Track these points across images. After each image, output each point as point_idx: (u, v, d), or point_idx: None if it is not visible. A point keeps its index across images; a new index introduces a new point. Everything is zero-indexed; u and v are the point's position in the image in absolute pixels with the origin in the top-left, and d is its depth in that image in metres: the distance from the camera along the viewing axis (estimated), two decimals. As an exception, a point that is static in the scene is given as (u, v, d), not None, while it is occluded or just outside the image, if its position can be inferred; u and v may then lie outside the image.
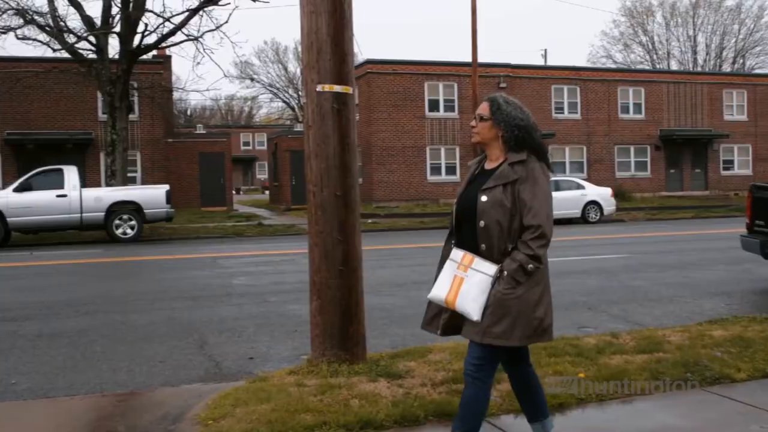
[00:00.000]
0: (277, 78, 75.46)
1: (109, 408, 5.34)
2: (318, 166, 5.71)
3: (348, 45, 5.83)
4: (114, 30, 25.24)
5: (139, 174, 33.05)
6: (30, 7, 24.85)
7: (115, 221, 20.62)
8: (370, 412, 4.68)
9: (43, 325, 8.46)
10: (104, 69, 24.75)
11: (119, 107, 24.73)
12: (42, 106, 32.27)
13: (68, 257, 16.74)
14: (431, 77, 36.03)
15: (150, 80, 31.61)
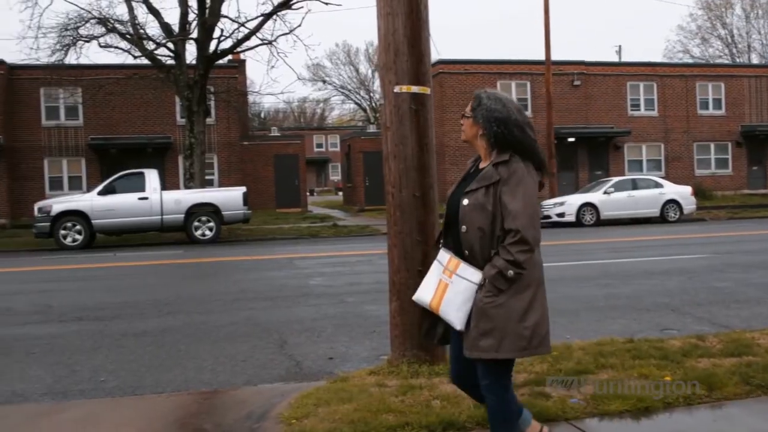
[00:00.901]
0: (348, 80, 75.99)
1: (195, 406, 5.45)
2: (396, 167, 5.72)
3: (425, 45, 5.83)
4: (191, 36, 25.80)
5: (216, 176, 33.71)
6: (111, 15, 25.61)
7: (194, 223, 21.09)
8: (452, 414, 4.66)
9: (129, 325, 8.70)
10: (182, 74, 25.32)
11: (197, 111, 25.27)
12: (123, 111, 33.24)
13: (150, 258, 17.20)
14: (503, 76, 35.74)
15: (226, 84, 32.22)
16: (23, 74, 32.05)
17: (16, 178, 32.26)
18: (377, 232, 23.57)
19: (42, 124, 32.94)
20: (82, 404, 5.69)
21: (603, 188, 26.32)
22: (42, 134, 32.92)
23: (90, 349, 7.48)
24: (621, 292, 10.08)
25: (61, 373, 6.62)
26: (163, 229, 21.70)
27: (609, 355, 5.93)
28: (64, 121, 33.18)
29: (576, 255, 15.29)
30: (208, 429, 4.90)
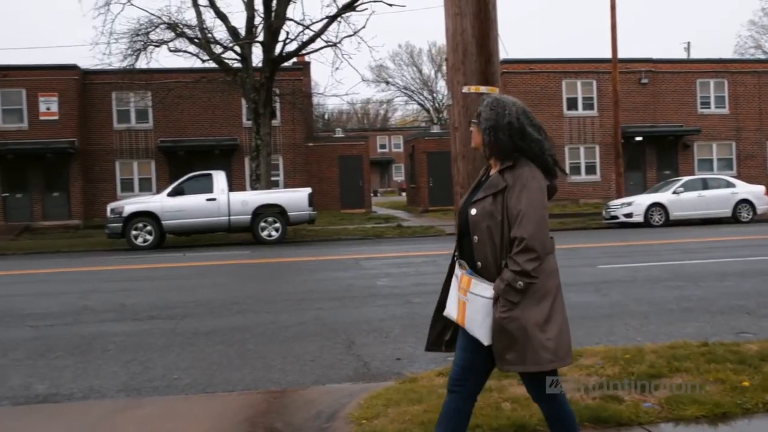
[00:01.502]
0: (411, 81, 76.02)
1: (265, 405, 5.52)
2: (465, 167, 5.69)
3: (493, 45, 5.78)
4: (257, 39, 26.15)
5: (282, 177, 34.09)
6: (180, 21, 26.14)
7: (260, 224, 21.36)
8: (522, 416, 4.63)
9: (199, 324, 8.87)
10: (248, 77, 25.69)
11: (263, 113, 25.61)
12: (191, 114, 33.89)
13: (218, 258, 17.50)
14: (569, 75, 35.30)
15: (291, 86, 32.55)
16: (96, 79, 32.93)
17: (89, 180, 33.19)
18: (442, 232, 23.53)
19: (114, 128, 33.82)
20: (156, 401, 5.82)
21: (672, 188, 25.74)
22: (114, 137, 33.79)
23: (163, 347, 7.64)
24: (693, 294, 9.85)
25: (136, 370, 6.78)
26: (230, 230, 22.05)
27: (683, 359, 5.80)
28: (134, 124, 33.99)
29: (645, 256, 15.00)
30: (279, 428, 4.96)
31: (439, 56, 71.74)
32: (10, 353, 7.60)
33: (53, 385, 6.36)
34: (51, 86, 32.38)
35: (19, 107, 32.51)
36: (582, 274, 12.09)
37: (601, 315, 8.61)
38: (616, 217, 25.13)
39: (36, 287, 13.44)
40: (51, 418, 5.49)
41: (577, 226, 25.52)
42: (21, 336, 8.48)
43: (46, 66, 32.78)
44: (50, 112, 32.42)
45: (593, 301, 9.50)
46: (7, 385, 6.41)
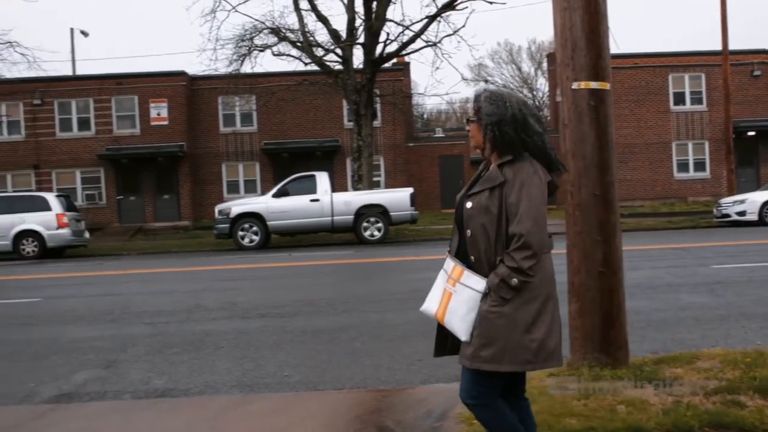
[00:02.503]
0: (511, 78, 75.15)
1: (375, 403, 5.56)
2: (575, 165, 5.60)
3: (604, 39, 5.66)
4: (358, 41, 26.42)
5: (383, 178, 34.34)
6: (283, 25, 26.70)
7: (363, 224, 21.57)
8: (638, 420, 4.50)
9: (307, 322, 9.02)
10: (350, 79, 25.99)
11: (364, 114, 25.86)
12: (294, 116, 34.55)
13: (322, 258, 17.76)
14: (676, 69, 34.23)
15: (391, 87, 32.76)
16: (203, 84, 34.04)
17: (197, 182, 34.30)
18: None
19: (220, 131, 34.86)
20: (268, 397, 5.96)
21: (789, 184, 24.58)
22: (220, 140, 34.82)
23: (273, 345, 7.81)
24: (817, 295, 9.37)
25: (248, 367, 6.95)
26: (333, 230, 22.36)
27: (809, 363, 5.53)
28: (239, 127, 34.93)
29: (761, 256, 14.36)
30: (390, 426, 4.99)
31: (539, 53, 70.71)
32: (129, 349, 7.93)
33: (170, 380, 6.59)
34: (161, 92, 33.66)
35: (131, 113, 33.94)
36: (695, 275, 11.69)
37: (717, 317, 8.29)
38: (728, 216, 24.17)
39: (150, 286, 13.97)
40: (171, 412, 5.69)
41: (686, 225, 24.70)
42: (139, 332, 8.83)
43: (156, 73, 34.12)
44: (160, 118, 33.68)
45: (707, 302, 9.16)
46: (127, 380, 6.68)
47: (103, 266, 18.96)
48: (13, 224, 22.33)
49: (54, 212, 22.51)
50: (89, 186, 33.89)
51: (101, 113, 33.86)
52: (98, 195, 33.88)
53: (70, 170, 33.87)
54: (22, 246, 22.34)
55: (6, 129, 34.14)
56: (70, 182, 33.68)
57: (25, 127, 34.02)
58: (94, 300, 12.26)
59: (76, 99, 34.05)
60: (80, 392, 6.36)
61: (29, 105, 33.68)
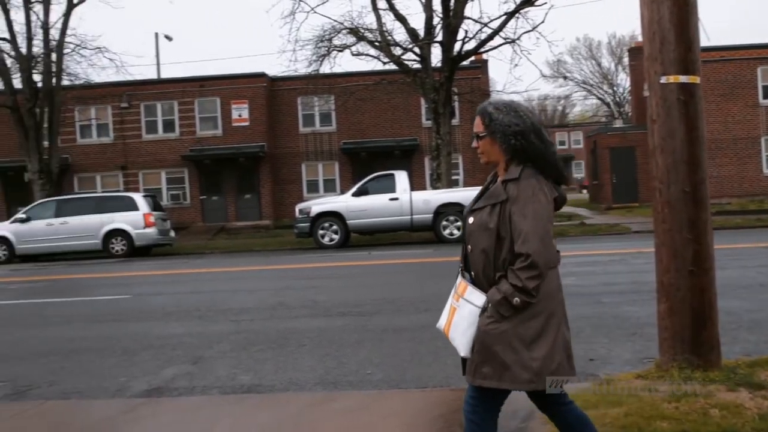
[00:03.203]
0: (590, 74, 73.77)
1: (458, 402, 5.50)
2: (664, 161, 5.45)
3: (693, 32, 5.49)
4: (436, 39, 26.35)
5: (462, 176, 34.19)
6: (361, 25, 26.83)
7: (442, 222, 21.52)
8: (733, 425, 4.36)
9: (389, 321, 9.05)
10: (428, 77, 25.95)
11: (443, 113, 25.79)
12: (372, 116, 34.72)
13: (402, 257, 17.79)
14: (765, 61, 33.00)
15: (469, 85, 32.56)
16: (283, 85, 34.52)
17: (277, 182, 34.82)
18: (627, 230, 22.70)
19: (299, 131, 35.30)
20: (351, 395, 5.99)
21: None
22: (300, 140, 35.27)
23: (355, 343, 7.86)
24: None
25: (331, 364, 7.01)
26: (412, 229, 22.37)
27: None
28: (318, 127, 35.31)
29: None
30: (475, 425, 4.95)
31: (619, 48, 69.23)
32: (215, 345, 8.10)
33: (256, 377, 6.70)
34: (242, 94, 34.29)
35: (214, 115, 34.69)
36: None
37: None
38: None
39: (234, 284, 14.24)
40: (257, 408, 5.79)
41: (778, 223, 23.84)
42: (224, 330, 9.01)
43: (237, 75, 34.79)
44: (242, 119, 34.32)
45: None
46: (214, 375, 6.83)
47: (188, 264, 19.43)
48: (103, 224, 23.09)
49: (141, 212, 23.19)
50: (174, 186, 34.79)
51: (185, 115, 34.71)
52: (182, 195, 34.77)
53: (156, 171, 34.84)
54: (112, 245, 23.08)
55: (95, 132, 35.34)
56: (156, 183, 34.65)
57: (114, 130, 35.15)
58: (180, 297, 12.58)
59: (161, 102, 34.99)
60: (170, 387, 6.53)
61: (117, 108, 34.77)
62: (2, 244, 23.33)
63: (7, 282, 17.06)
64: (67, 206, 23.96)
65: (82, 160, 34.93)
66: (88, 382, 6.91)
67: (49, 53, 28.22)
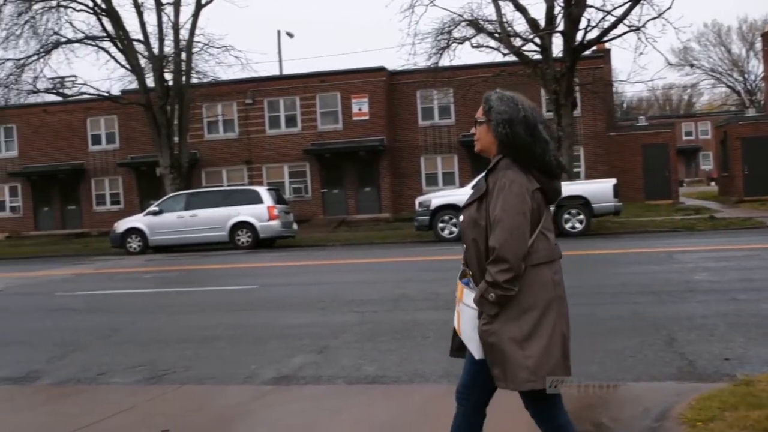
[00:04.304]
0: (719, 62, 70.53)
1: (588, 399, 5.42)
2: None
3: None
4: (557, 29, 25.82)
5: (583, 169, 33.45)
6: (480, 16, 26.59)
7: (564, 215, 21.12)
8: None
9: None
10: (549, 68, 25.49)
11: (564, 104, 25.28)
12: (486, 108, 34.39)
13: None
14: None
15: (591, 75, 31.77)
16: (402, 79, 34.68)
17: (396, 175, 35.07)
18: (761, 224, 21.61)
19: (419, 125, 35.41)
20: (477, 388, 5.97)
21: None
22: (419, 134, 35.39)
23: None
24: None
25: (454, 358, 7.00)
26: (532, 222, 22.07)
27: None
28: (437, 120, 35.32)
29: None
30: (605, 423, 4.85)
31: (751, 33, 65.87)
32: (340, 336, 8.24)
33: (381, 368, 6.77)
34: (362, 88, 34.69)
35: (334, 109, 35.27)
36: None
37: None
38: None
39: (356, 276, 14.46)
40: (383, 399, 5.86)
41: None
42: (348, 320, 9.16)
43: (357, 70, 35.23)
44: (361, 113, 34.74)
45: None
46: (340, 365, 6.95)
47: (311, 256, 19.85)
48: (229, 216, 23.88)
49: (266, 205, 23.84)
50: (296, 180, 35.61)
51: (306, 110, 35.44)
52: (304, 188, 35.55)
53: (279, 165, 35.75)
54: (237, 236, 23.84)
55: (222, 127, 36.59)
56: (279, 176, 35.55)
57: (239, 125, 36.30)
58: (304, 288, 12.88)
59: (283, 97, 35.85)
60: (297, 375, 6.70)
61: (242, 104, 35.86)
62: (137, 236, 24.51)
63: (143, 272, 17.93)
64: (197, 199, 24.94)
65: (209, 155, 36.27)
66: (220, 368, 7.18)
67: (179, 53, 29.38)
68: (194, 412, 5.76)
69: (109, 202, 38.76)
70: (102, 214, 37.92)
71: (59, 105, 37.54)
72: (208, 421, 5.52)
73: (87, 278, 17.22)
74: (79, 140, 38.87)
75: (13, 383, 7.19)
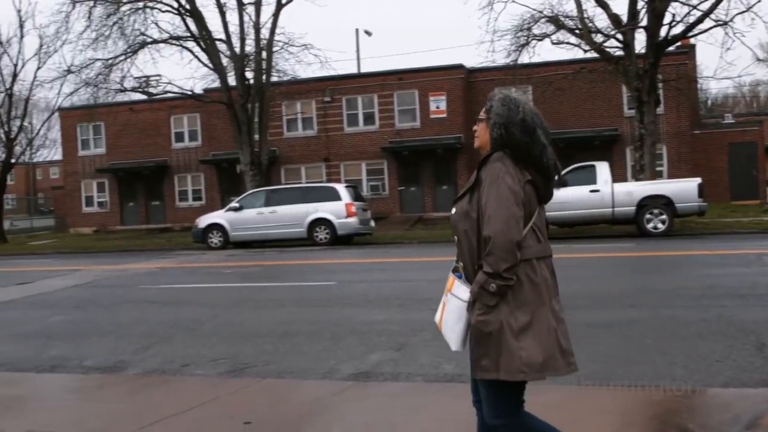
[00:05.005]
0: (813, 56, 67.75)
1: (673, 403, 5.29)
2: None
3: None
4: (640, 24, 25.26)
5: (666, 167, 32.65)
6: (561, 12, 26.21)
7: (645, 215, 20.65)
8: None
9: (592, 315, 8.79)
10: (631, 64, 24.95)
11: (647, 101, 24.71)
12: (571, 106, 33.92)
13: (602, 250, 17.26)
14: None
15: (675, 71, 30.97)
16: (479, 77, 34.49)
17: (473, 173, 34.85)
18: None
19: (496, 123, 35.08)
20: (558, 389, 5.85)
21: None
22: (496, 132, 35.05)
23: (561, 337, 7.70)
24: None
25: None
26: (613, 222, 21.66)
27: None
28: (515, 118, 34.93)
29: None
30: (692, 429, 4.72)
31: None
32: (418, 333, 8.25)
33: (459, 366, 6.72)
34: (439, 86, 34.64)
35: (412, 107, 35.32)
36: None
37: None
38: None
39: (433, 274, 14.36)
40: (461, 398, 5.77)
41: None
42: (426, 318, 9.03)
43: (434, 68, 35.22)
44: (439, 111, 34.68)
45: None
46: (418, 363, 6.95)
47: (387, 253, 19.92)
48: (308, 213, 24.15)
49: (344, 202, 24.03)
50: (373, 177, 35.80)
51: (384, 108, 35.58)
52: (381, 186, 35.70)
53: (357, 162, 36.00)
54: (316, 233, 24.09)
55: (300, 125, 37.06)
56: (357, 174, 35.80)
57: (317, 123, 36.71)
58: (382, 285, 12.94)
59: (361, 95, 36.08)
60: (375, 372, 6.72)
61: (320, 102, 36.25)
62: (218, 231, 25.02)
63: (223, 266, 18.31)
64: (276, 196, 25.32)
65: (289, 152, 36.78)
66: (299, 363, 7.27)
67: (260, 52, 29.85)
68: (275, 406, 5.85)
69: (191, 198, 39.76)
70: (184, 209, 38.92)
71: (144, 103, 38.58)
72: (289, 415, 5.60)
73: (170, 272, 17.68)
74: (163, 138, 39.98)
75: (102, 372, 7.44)
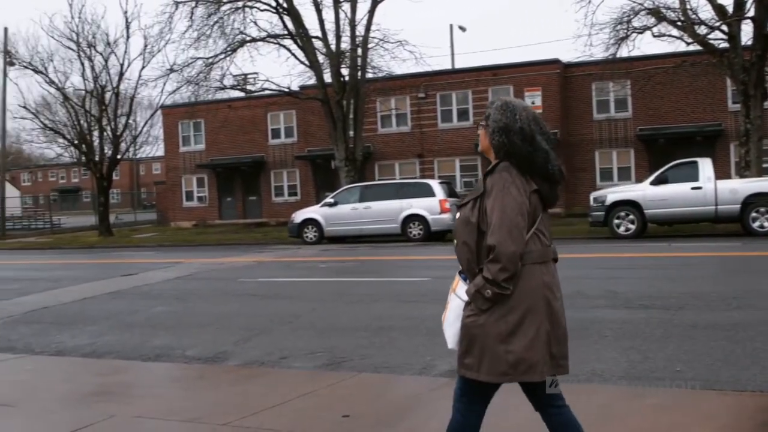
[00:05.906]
0: None
1: None
2: None
3: None
4: (747, 15, 24.29)
5: (773, 164, 31.30)
6: (662, 4, 25.46)
7: (751, 214, 19.87)
8: None
9: (697, 316, 8.54)
10: (737, 57, 24.03)
11: (753, 95, 23.77)
12: (671, 100, 32.95)
13: (704, 250, 16.71)
14: None
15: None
16: (576, 71, 33.88)
17: (570, 169, 34.17)
18: None
19: (593, 118, 34.48)
20: (659, 392, 5.74)
21: None
22: (593, 127, 34.45)
23: (660, 338, 7.52)
24: None
25: (635, 358, 6.78)
26: (716, 220, 20.92)
27: None
28: (613, 113, 34.23)
29: None
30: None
31: None
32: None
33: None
34: (535, 81, 34.11)
35: (507, 103, 34.91)
36: None
37: None
38: None
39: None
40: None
41: None
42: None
43: (530, 63, 34.79)
44: (535, 106, 34.04)
45: None
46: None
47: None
48: (402, 209, 24.25)
49: (437, 198, 24.02)
50: (467, 174, 35.63)
51: (479, 104, 35.30)
52: (475, 182, 35.48)
53: (450, 159, 35.92)
54: (409, 229, 24.16)
55: (395, 121, 37.23)
56: (450, 170, 35.72)
57: (411, 119, 36.79)
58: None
59: (455, 91, 35.96)
60: (472, 369, 6.68)
61: (414, 98, 36.31)
62: (313, 226, 25.40)
63: (319, 261, 18.58)
64: (370, 192, 25.52)
65: (383, 148, 37.00)
66: (395, 358, 7.32)
67: (356, 48, 30.10)
68: (372, 400, 5.90)
69: (287, 193, 40.49)
70: (280, 204, 39.66)
71: (242, 101, 39.41)
72: (386, 410, 5.64)
73: (267, 266, 18.06)
74: (260, 134, 40.84)
75: (203, 362, 7.68)
